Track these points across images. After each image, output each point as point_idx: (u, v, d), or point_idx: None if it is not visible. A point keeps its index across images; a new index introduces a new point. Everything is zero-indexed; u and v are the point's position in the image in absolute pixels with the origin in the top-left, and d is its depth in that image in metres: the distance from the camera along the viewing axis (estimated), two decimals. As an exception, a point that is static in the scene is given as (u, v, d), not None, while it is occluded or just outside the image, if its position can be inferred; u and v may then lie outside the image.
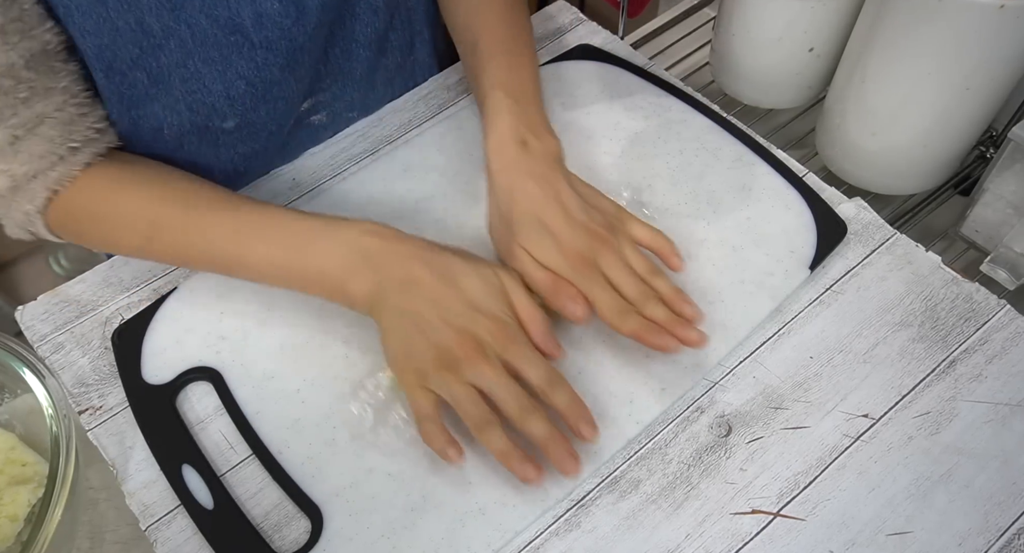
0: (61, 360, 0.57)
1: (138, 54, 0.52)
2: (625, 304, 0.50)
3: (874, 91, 0.62)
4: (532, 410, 0.47)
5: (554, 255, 0.51)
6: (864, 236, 0.60)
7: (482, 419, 0.47)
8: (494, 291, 0.50)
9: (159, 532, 0.50)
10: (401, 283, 0.49)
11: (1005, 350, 0.54)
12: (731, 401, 0.53)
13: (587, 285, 0.50)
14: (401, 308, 0.49)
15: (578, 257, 0.51)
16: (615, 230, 0.53)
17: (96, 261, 0.62)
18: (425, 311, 0.48)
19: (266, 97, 0.59)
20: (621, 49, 0.73)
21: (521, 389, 0.47)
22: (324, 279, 0.51)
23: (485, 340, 0.48)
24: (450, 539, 0.48)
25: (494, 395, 0.47)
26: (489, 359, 0.47)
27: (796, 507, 0.49)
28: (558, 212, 0.52)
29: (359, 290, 0.50)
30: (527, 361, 0.48)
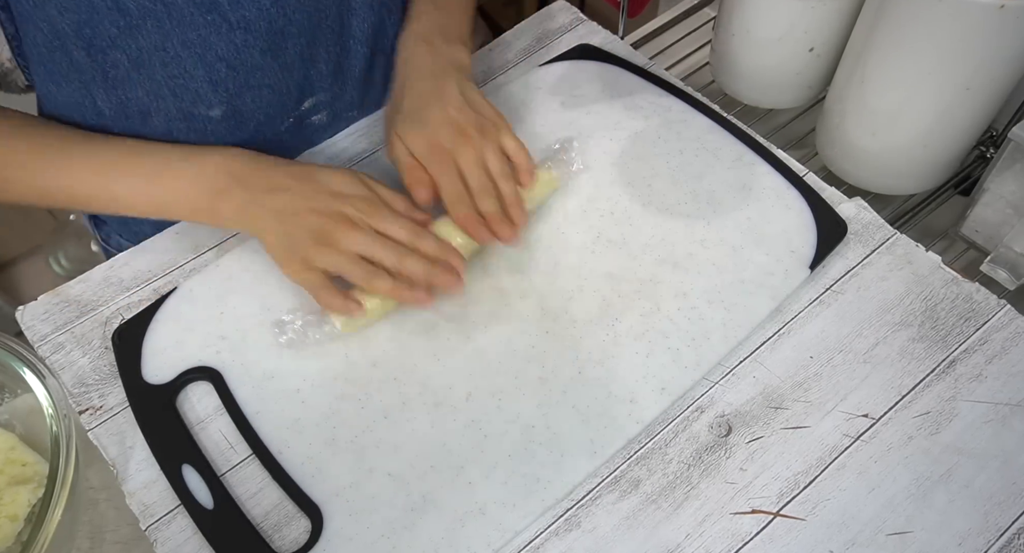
0: (61, 360, 0.57)
1: (116, 34, 0.54)
2: (465, 195, 0.56)
3: (874, 91, 0.62)
4: (407, 254, 0.53)
5: (421, 145, 0.57)
6: (864, 236, 0.60)
7: (367, 272, 0.53)
8: (354, 180, 0.56)
9: (159, 532, 0.50)
10: (268, 191, 0.55)
11: (1005, 350, 0.54)
12: (731, 401, 0.53)
13: (439, 172, 0.57)
14: (274, 210, 0.54)
15: (440, 149, 0.57)
16: (485, 134, 0.58)
17: (97, 261, 0.62)
18: (294, 204, 0.54)
19: (249, 83, 0.60)
20: (621, 49, 0.73)
21: (392, 244, 0.53)
22: (192, 202, 0.56)
23: (351, 215, 0.54)
24: (450, 539, 0.48)
25: (371, 253, 0.53)
26: (359, 227, 0.53)
27: (796, 507, 0.49)
28: (437, 111, 0.58)
29: (229, 206, 0.55)
30: (392, 222, 0.54)
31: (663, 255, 0.59)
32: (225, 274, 0.60)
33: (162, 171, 0.56)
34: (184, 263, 0.61)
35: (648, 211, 0.61)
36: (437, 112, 0.57)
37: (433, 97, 0.58)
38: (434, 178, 0.56)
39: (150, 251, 0.62)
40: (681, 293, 0.57)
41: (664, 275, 0.58)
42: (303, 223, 0.53)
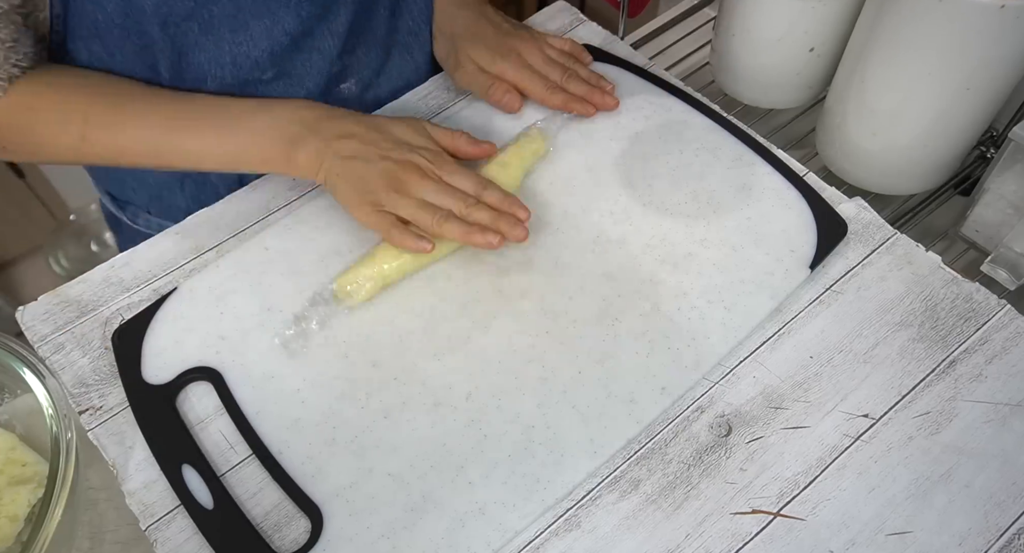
0: (61, 360, 0.57)
1: (192, 7, 0.56)
2: (552, 83, 0.66)
3: (874, 91, 0.62)
4: (474, 204, 0.56)
5: (490, 57, 0.66)
6: (864, 236, 0.60)
7: (438, 217, 0.55)
8: (419, 130, 0.60)
9: (159, 532, 0.50)
10: (339, 138, 0.57)
11: (1005, 350, 0.54)
12: (731, 401, 0.53)
13: (519, 75, 0.66)
14: (345, 156, 0.57)
15: (510, 53, 0.66)
16: (535, 37, 0.69)
17: (96, 261, 0.62)
18: (366, 152, 0.57)
19: (301, 48, 0.63)
20: (621, 49, 0.73)
21: (460, 193, 0.57)
22: (266, 152, 0.58)
23: (424, 165, 0.57)
24: (450, 539, 0.48)
25: (441, 202, 0.56)
26: (429, 177, 0.57)
27: (796, 507, 0.49)
28: (489, 26, 0.68)
29: (304, 155, 0.57)
30: (460, 175, 0.58)
31: (663, 255, 0.59)
32: (225, 274, 0.60)
33: (234, 124, 0.58)
34: (184, 263, 0.61)
35: (648, 211, 0.61)
36: (489, 28, 0.67)
37: (480, 18, 0.68)
38: (516, 81, 0.65)
39: (150, 251, 0.62)
40: (681, 293, 0.57)
41: (664, 275, 0.58)
42: (375, 169, 0.56)
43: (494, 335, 0.56)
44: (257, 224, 0.63)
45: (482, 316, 0.57)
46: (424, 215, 0.55)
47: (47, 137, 0.57)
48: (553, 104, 0.65)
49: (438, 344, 0.56)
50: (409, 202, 0.55)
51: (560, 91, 0.65)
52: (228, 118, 0.59)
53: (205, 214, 0.64)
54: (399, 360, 0.55)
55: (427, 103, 0.71)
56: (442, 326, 0.56)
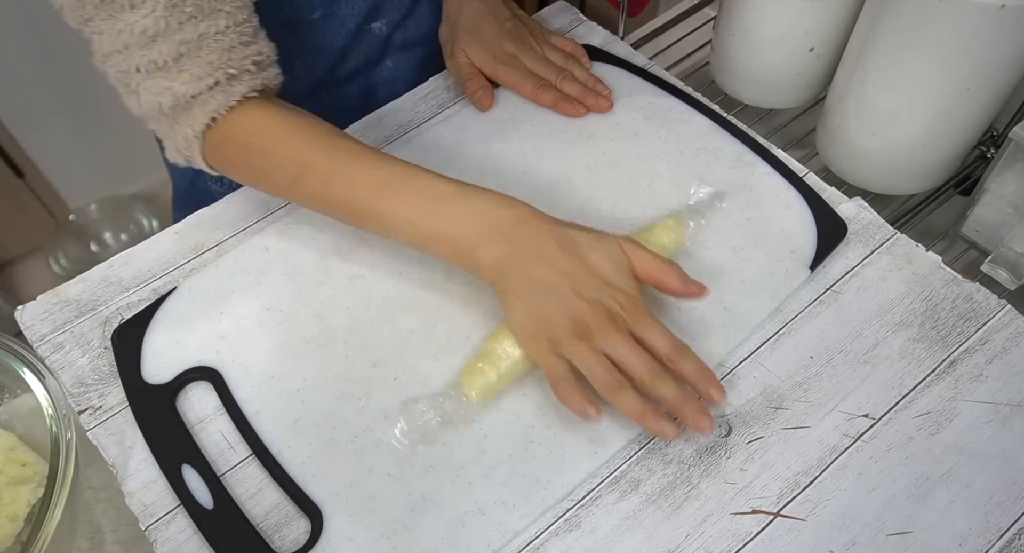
0: (61, 360, 0.57)
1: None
2: (544, 82, 0.67)
3: (874, 91, 0.62)
4: (662, 374, 0.49)
5: (484, 57, 0.68)
6: (864, 236, 0.60)
7: (615, 382, 0.49)
8: (621, 265, 0.52)
9: (159, 532, 0.50)
10: (531, 256, 0.51)
11: (1006, 350, 0.54)
12: (731, 401, 0.53)
13: (512, 76, 0.67)
14: (532, 278, 0.51)
15: (504, 55, 0.67)
16: (537, 38, 0.70)
17: (96, 261, 0.62)
18: (557, 283, 0.50)
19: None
20: (621, 49, 0.73)
21: (649, 357, 0.49)
22: (455, 243, 0.52)
23: (615, 311, 0.50)
24: (450, 539, 0.48)
25: (625, 362, 0.49)
26: (620, 330, 0.49)
27: (796, 507, 0.49)
28: (492, 23, 0.68)
29: (489, 257, 0.52)
30: (655, 331, 0.50)
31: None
32: (225, 274, 0.60)
33: (434, 205, 0.53)
34: (184, 263, 0.61)
35: (648, 211, 0.61)
36: (492, 26, 0.68)
37: (487, 14, 0.69)
38: (508, 81, 0.67)
39: (149, 251, 0.62)
40: (681, 293, 0.57)
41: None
42: (564, 307, 0.50)
43: (494, 335, 0.56)
44: (257, 224, 0.63)
45: (482, 316, 0.57)
46: (602, 376, 0.49)
47: (266, 167, 0.56)
48: (542, 102, 0.66)
49: (438, 344, 0.56)
50: (589, 354, 0.49)
51: (551, 89, 0.66)
52: (431, 198, 0.53)
53: (205, 214, 0.64)
54: (399, 360, 0.55)
55: (427, 103, 0.71)
56: (442, 326, 0.56)
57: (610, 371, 0.49)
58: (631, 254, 0.52)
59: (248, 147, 0.55)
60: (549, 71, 0.67)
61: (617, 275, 0.51)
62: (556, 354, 0.50)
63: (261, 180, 0.58)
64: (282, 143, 0.55)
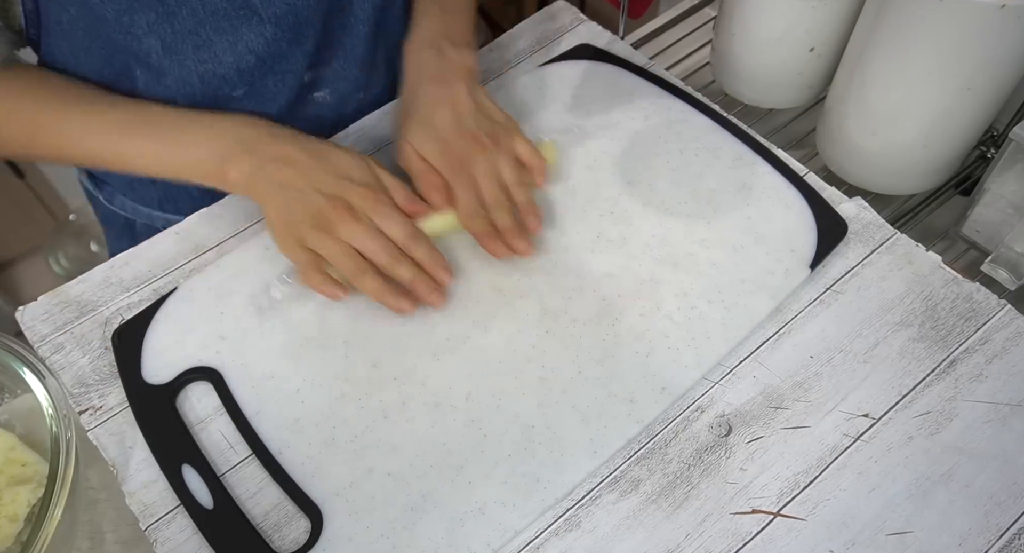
0: (61, 360, 0.57)
1: (154, 19, 0.56)
2: (478, 208, 0.57)
3: (875, 91, 0.62)
4: (399, 257, 0.54)
5: (435, 154, 0.57)
6: (864, 236, 0.60)
7: (357, 267, 0.53)
8: (362, 164, 0.56)
9: (159, 532, 0.50)
10: (276, 160, 0.55)
11: (1006, 350, 0.54)
12: (731, 401, 0.53)
13: (453, 183, 0.57)
14: (278, 181, 0.55)
15: (455, 158, 0.57)
16: (498, 142, 0.58)
17: (96, 261, 0.62)
18: (299, 182, 0.54)
19: (274, 69, 0.62)
20: (621, 49, 0.73)
21: (389, 242, 0.54)
22: (202, 165, 0.56)
23: (355, 203, 0.54)
24: (450, 539, 0.48)
25: (365, 248, 0.53)
26: (360, 219, 0.53)
27: (796, 507, 0.49)
28: (449, 116, 0.58)
29: (237, 173, 0.55)
30: (392, 221, 0.54)
31: (663, 255, 0.59)
32: (225, 274, 0.60)
33: (174, 134, 0.57)
34: (184, 263, 0.61)
35: (648, 211, 0.61)
36: (448, 117, 0.58)
37: (444, 101, 0.58)
38: (451, 189, 0.57)
39: (150, 251, 0.62)
40: (681, 293, 0.57)
41: (664, 275, 0.58)
42: (305, 201, 0.54)
43: (494, 335, 0.56)
44: (257, 224, 0.63)
45: (482, 316, 0.57)
46: (345, 262, 0.53)
47: (1, 136, 0.59)
48: (470, 230, 0.57)
49: (438, 344, 0.56)
50: (332, 245, 0.53)
51: (482, 218, 0.57)
52: (170, 129, 0.57)
53: (205, 214, 0.64)
54: (399, 360, 0.55)
55: (427, 103, 0.70)
56: (442, 326, 0.56)
57: (352, 257, 0.53)
58: (374, 166, 0.57)
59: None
60: (490, 193, 0.57)
61: (359, 171, 0.55)
62: (303, 247, 0.54)
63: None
64: (8, 107, 0.57)
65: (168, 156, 0.57)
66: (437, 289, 0.55)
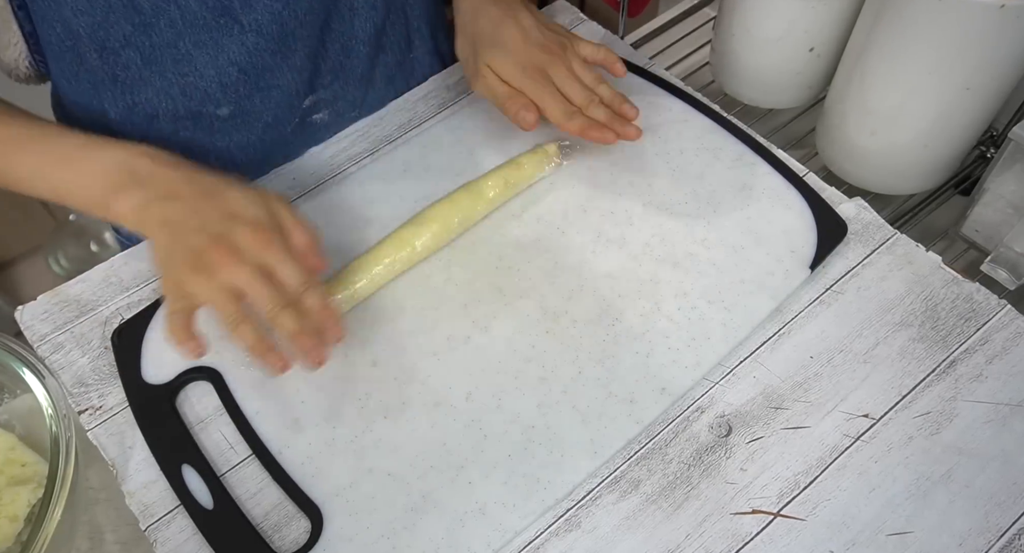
0: (61, 360, 0.57)
1: (130, 31, 0.54)
2: (572, 107, 0.58)
3: (874, 91, 0.62)
4: (283, 306, 0.48)
5: (515, 73, 0.59)
6: (864, 236, 0.60)
7: (234, 317, 0.48)
8: (256, 201, 0.51)
9: (159, 532, 0.50)
10: (163, 197, 0.51)
11: (1006, 350, 0.54)
12: (731, 401, 0.53)
13: (539, 94, 0.58)
14: (163, 219, 0.50)
15: (535, 71, 0.59)
16: (565, 48, 0.61)
17: (96, 261, 0.62)
18: (184, 220, 0.50)
19: (259, 84, 0.60)
20: (621, 49, 0.73)
21: (274, 289, 0.48)
22: (88, 192, 0.52)
23: (241, 245, 0.49)
24: (450, 539, 0.48)
25: (248, 293, 0.48)
26: (244, 262, 0.48)
27: (796, 507, 0.49)
28: (517, 33, 0.60)
29: (126, 206, 0.51)
30: (282, 263, 0.49)
31: (663, 255, 0.59)
32: (225, 274, 0.59)
33: (65, 158, 0.53)
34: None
35: (648, 211, 0.61)
36: (516, 34, 0.60)
37: (507, 19, 0.61)
38: (535, 100, 0.58)
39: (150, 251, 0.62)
40: (681, 293, 0.57)
41: (664, 275, 0.58)
42: (186, 241, 0.49)
43: (494, 335, 0.56)
44: (257, 224, 0.63)
45: (482, 316, 0.57)
46: (222, 308, 0.48)
47: None
48: (570, 130, 0.58)
49: (438, 344, 0.56)
50: (210, 289, 0.48)
51: (579, 116, 0.58)
52: (63, 150, 0.53)
53: (205, 214, 0.64)
54: (399, 360, 0.55)
55: (427, 102, 0.71)
56: (442, 326, 0.56)
57: (229, 302, 0.48)
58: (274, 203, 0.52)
59: None
60: (578, 91, 0.59)
61: (249, 208, 0.51)
62: (181, 293, 0.50)
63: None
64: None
65: (55, 178, 0.53)
66: (319, 347, 0.49)
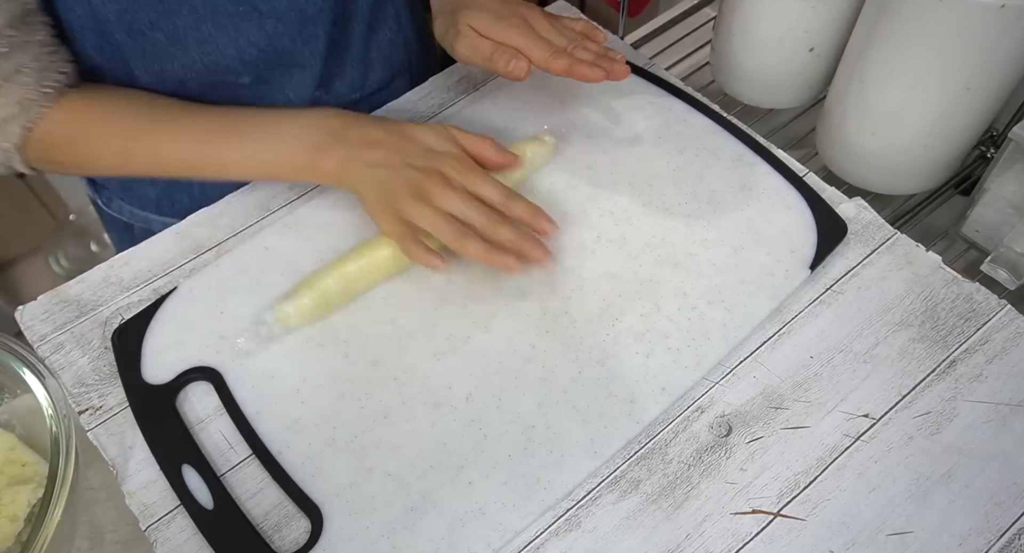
0: (61, 360, 0.57)
1: (155, 17, 0.56)
2: (555, 50, 0.58)
3: (874, 91, 0.62)
4: (499, 219, 0.54)
5: (491, 22, 0.59)
6: (864, 236, 0.60)
7: (459, 232, 0.54)
8: (445, 136, 0.58)
9: (159, 532, 0.50)
10: (365, 145, 0.57)
11: (1006, 350, 0.54)
12: (731, 401, 0.53)
13: (522, 40, 0.58)
14: (369, 162, 0.56)
15: (513, 18, 0.59)
16: (543, 10, 0.62)
17: (96, 261, 0.62)
18: (390, 160, 0.56)
19: (280, 62, 0.63)
20: (621, 49, 0.73)
21: (485, 207, 0.54)
22: (295, 159, 0.58)
23: (448, 173, 0.55)
24: (450, 539, 0.48)
25: (464, 214, 0.54)
26: (455, 187, 0.55)
27: (796, 507, 0.49)
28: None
29: (330, 163, 0.57)
30: (487, 185, 0.55)
31: (663, 255, 0.59)
32: (225, 274, 0.60)
33: (265, 133, 0.59)
34: (184, 263, 0.61)
35: (648, 211, 0.61)
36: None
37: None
38: (520, 47, 0.58)
39: (150, 251, 0.62)
40: (681, 293, 0.57)
41: (664, 275, 0.58)
42: (399, 176, 0.55)
43: (494, 335, 0.56)
44: (257, 224, 0.63)
45: (482, 316, 0.57)
46: (446, 229, 0.54)
47: (93, 151, 0.59)
48: (557, 69, 0.57)
49: (438, 344, 0.56)
50: (430, 213, 0.54)
51: (565, 56, 0.58)
52: (259, 127, 0.59)
53: (205, 214, 0.64)
54: (399, 360, 0.55)
55: (427, 102, 0.71)
56: (442, 326, 0.56)
57: (451, 223, 0.54)
58: (454, 132, 0.58)
59: (70, 140, 0.58)
60: (561, 37, 0.60)
61: (443, 144, 0.57)
62: (401, 221, 0.55)
63: (91, 165, 0.62)
64: (102, 124, 0.59)
65: (262, 154, 0.59)
66: (540, 244, 0.55)
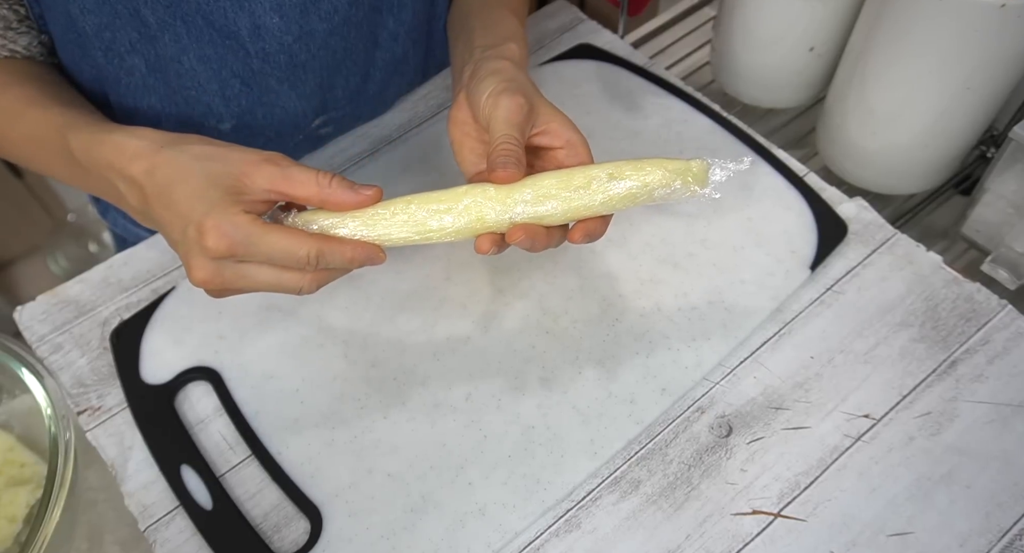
0: (60, 360, 0.57)
1: (136, 39, 0.54)
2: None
3: (874, 91, 0.62)
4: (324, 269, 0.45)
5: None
6: (865, 236, 0.60)
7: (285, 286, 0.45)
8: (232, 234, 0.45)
9: (158, 533, 0.49)
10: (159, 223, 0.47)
11: (1006, 350, 0.54)
12: (732, 401, 0.53)
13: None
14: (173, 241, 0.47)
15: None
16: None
17: (95, 261, 0.62)
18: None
19: (263, 101, 0.60)
20: (621, 48, 0.73)
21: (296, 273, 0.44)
22: (109, 197, 0.50)
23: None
24: (450, 540, 0.48)
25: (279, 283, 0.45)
26: (256, 280, 0.45)
27: (797, 508, 0.49)
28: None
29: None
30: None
31: (663, 255, 0.59)
32: (224, 274, 0.59)
33: (84, 171, 0.49)
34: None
35: (648, 211, 0.61)
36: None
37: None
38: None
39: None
40: (681, 293, 0.57)
41: (664, 275, 0.58)
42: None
43: (494, 335, 0.56)
44: (256, 224, 0.63)
45: (482, 316, 0.57)
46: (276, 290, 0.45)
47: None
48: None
49: (438, 344, 0.55)
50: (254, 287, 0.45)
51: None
52: (84, 155, 0.48)
53: (204, 214, 0.64)
54: (399, 360, 0.55)
55: (427, 103, 0.71)
56: (442, 326, 0.56)
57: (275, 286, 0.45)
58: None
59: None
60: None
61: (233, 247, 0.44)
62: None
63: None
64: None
65: (80, 183, 0.53)
66: (371, 247, 0.45)
